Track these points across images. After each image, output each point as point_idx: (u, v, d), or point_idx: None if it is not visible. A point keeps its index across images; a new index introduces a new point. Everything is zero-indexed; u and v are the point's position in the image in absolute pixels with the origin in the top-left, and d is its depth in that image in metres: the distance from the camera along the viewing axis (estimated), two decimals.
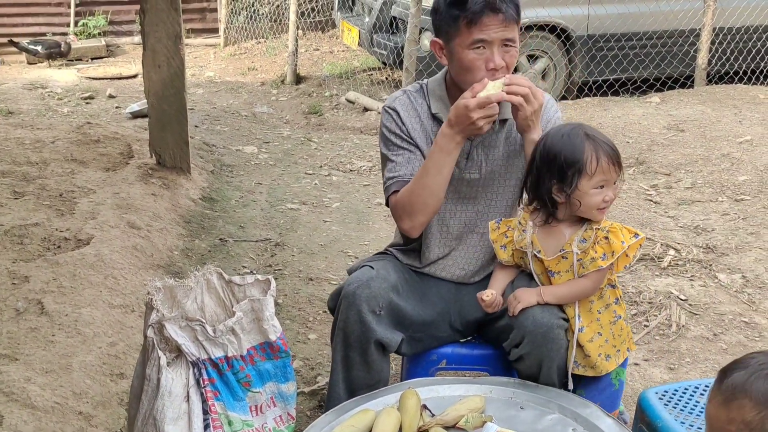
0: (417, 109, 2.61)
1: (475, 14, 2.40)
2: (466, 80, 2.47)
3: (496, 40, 2.41)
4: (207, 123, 6.89)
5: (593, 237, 2.34)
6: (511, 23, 2.42)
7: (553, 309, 2.40)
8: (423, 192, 2.48)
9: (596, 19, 7.27)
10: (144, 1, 4.63)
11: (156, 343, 2.20)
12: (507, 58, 2.44)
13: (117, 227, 4.12)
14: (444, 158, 2.45)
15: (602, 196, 2.32)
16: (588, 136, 2.32)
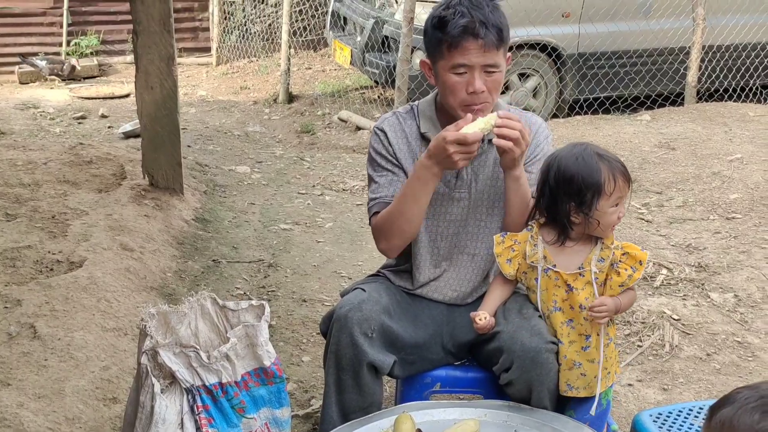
0: (405, 130, 2.63)
1: (455, 38, 2.42)
2: (449, 102, 2.51)
3: (476, 65, 2.43)
4: (200, 143, 6.90)
5: (611, 257, 2.38)
6: (491, 49, 2.42)
7: (541, 333, 2.40)
8: (400, 218, 2.52)
9: (586, 38, 7.32)
10: (137, 23, 4.64)
11: (150, 369, 2.20)
12: (489, 83, 2.46)
13: (110, 249, 4.11)
14: (421, 187, 2.47)
15: (617, 213, 2.38)
16: (600, 156, 2.36)
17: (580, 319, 2.41)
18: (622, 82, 7.58)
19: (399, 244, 2.60)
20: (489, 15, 2.43)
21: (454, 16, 2.43)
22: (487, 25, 2.41)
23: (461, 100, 2.47)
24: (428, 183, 2.46)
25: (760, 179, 5.43)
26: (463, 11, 2.43)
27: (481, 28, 2.40)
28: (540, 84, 7.42)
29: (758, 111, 7.18)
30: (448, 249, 2.68)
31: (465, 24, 2.40)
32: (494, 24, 2.42)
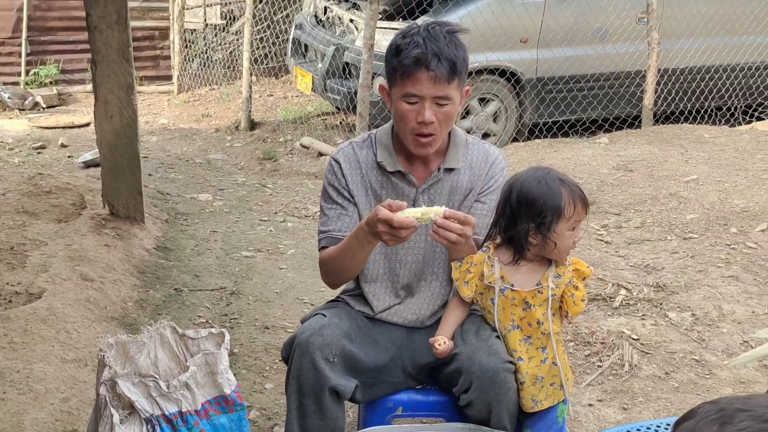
0: (360, 160, 2.66)
1: (407, 68, 2.45)
2: (400, 128, 2.56)
3: (427, 96, 2.45)
4: (161, 171, 6.88)
5: (566, 273, 2.44)
6: (442, 81, 2.44)
7: (499, 353, 2.43)
8: (339, 265, 2.59)
9: (544, 63, 7.43)
10: (95, 53, 4.63)
11: (108, 400, 2.18)
12: (439, 114, 2.48)
13: (69, 280, 4.08)
14: (358, 247, 2.50)
15: (574, 238, 2.43)
16: (562, 180, 2.42)
17: (537, 334, 2.46)
18: (580, 106, 7.70)
19: (339, 283, 2.72)
20: (444, 47, 2.44)
21: (409, 46, 2.46)
22: (440, 58, 2.43)
23: (411, 129, 2.51)
24: (365, 246, 2.49)
25: (715, 199, 5.54)
26: (418, 42, 2.45)
27: (433, 60, 2.42)
28: (500, 108, 7.51)
29: (713, 132, 7.32)
30: (408, 278, 2.71)
31: (417, 55, 2.43)
32: (448, 57, 2.44)
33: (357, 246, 2.50)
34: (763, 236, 4.97)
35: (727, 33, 8.03)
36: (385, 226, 2.33)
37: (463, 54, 2.51)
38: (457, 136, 2.67)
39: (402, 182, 2.65)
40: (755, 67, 8.23)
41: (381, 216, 2.32)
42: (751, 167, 6.19)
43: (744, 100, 8.39)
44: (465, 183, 2.65)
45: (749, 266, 4.64)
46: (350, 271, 2.63)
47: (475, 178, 2.66)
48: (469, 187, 2.66)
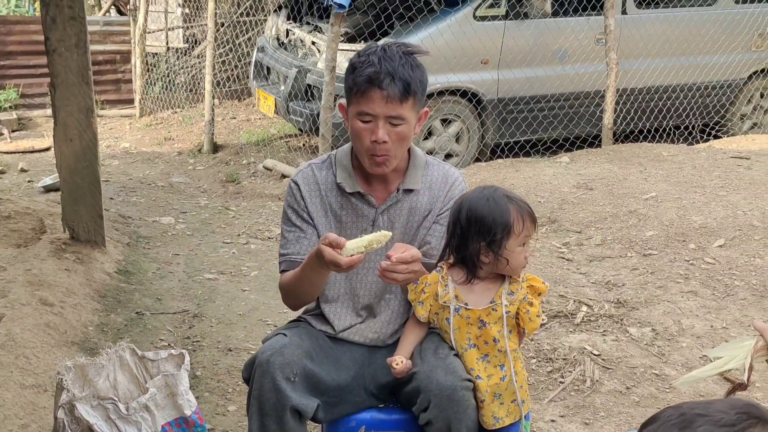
0: (319, 182, 2.67)
1: (360, 87, 2.46)
2: (356, 147, 2.58)
3: (380, 115, 2.47)
4: (123, 195, 6.83)
5: (519, 290, 2.46)
6: (395, 101, 2.45)
7: (456, 371, 2.44)
8: (299, 290, 2.63)
9: (505, 83, 7.51)
10: (54, 76, 4.61)
11: (67, 424, 2.16)
12: (393, 134, 2.49)
13: (29, 305, 4.03)
14: (312, 274, 2.54)
15: (525, 253, 2.46)
16: (509, 198, 2.45)
17: (494, 352, 2.47)
18: (541, 126, 7.79)
19: (299, 305, 2.75)
20: (398, 68, 2.45)
21: (363, 65, 2.47)
22: (394, 78, 2.44)
23: (366, 148, 2.52)
24: (319, 273, 2.52)
25: (674, 216, 5.61)
26: (373, 61, 2.46)
27: (386, 80, 2.43)
28: (462, 129, 7.56)
29: (671, 151, 7.43)
30: (369, 298, 2.72)
31: (370, 74, 2.44)
32: (402, 77, 2.45)
33: (312, 274, 2.53)
34: (721, 252, 5.05)
35: (684, 53, 8.17)
36: (333, 265, 2.38)
37: (420, 75, 2.52)
38: (416, 157, 2.69)
39: (361, 203, 2.66)
40: (711, 87, 8.38)
41: (327, 259, 2.35)
42: (709, 184, 6.29)
43: (701, 119, 8.53)
44: (424, 204, 2.67)
45: (708, 281, 4.71)
46: (309, 295, 2.66)
47: (435, 200, 2.68)
48: (428, 208, 2.67)
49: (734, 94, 8.60)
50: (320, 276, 2.53)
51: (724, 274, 4.78)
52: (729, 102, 8.60)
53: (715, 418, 1.30)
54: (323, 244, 2.36)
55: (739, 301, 4.50)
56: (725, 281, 4.70)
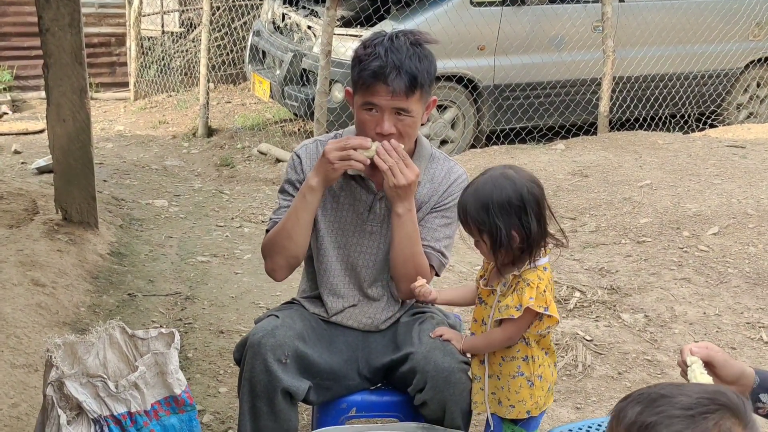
0: None
1: (365, 80, 2.43)
2: (361, 135, 2.53)
3: (386, 107, 2.44)
4: (116, 177, 6.80)
5: (511, 282, 2.36)
6: (400, 95, 2.41)
7: (453, 353, 2.44)
8: (281, 234, 2.58)
9: (502, 70, 7.49)
10: (48, 56, 4.58)
11: (56, 401, 2.15)
12: (399, 125, 2.47)
13: (20, 285, 4.01)
14: (300, 202, 2.52)
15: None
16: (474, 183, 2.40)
17: (478, 332, 2.46)
18: (537, 113, 7.77)
19: (282, 264, 2.65)
20: (405, 60, 2.41)
21: (369, 57, 2.43)
22: (400, 72, 2.40)
23: (371, 138, 2.49)
24: (306, 197, 2.50)
25: (668, 204, 5.61)
26: (379, 53, 2.42)
27: (391, 74, 2.39)
28: (458, 115, 7.54)
29: (667, 139, 7.42)
30: (362, 280, 2.70)
31: (375, 69, 2.41)
32: (408, 71, 2.40)
33: (299, 201, 2.52)
34: (715, 239, 5.05)
35: (681, 42, 8.16)
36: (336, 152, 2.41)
37: (427, 66, 2.47)
38: (423, 148, 2.67)
39: (361, 187, 2.64)
40: (708, 76, 8.37)
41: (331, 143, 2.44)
42: (704, 173, 6.29)
43: (697, 108, 8.52)
44: (422, 196, 2.64)
45: (701, 269, 4.71)
46: (294, 240, 2.57)
47: (433, 192, 2.66)
48: (426, 200, 2.65)
49: (731, 84, 8.59)
50: (305, 203, 2.51)
51: (717, 261, 4.78)
52: (725, 91, 8.59)
53: (676, 399, 1.30)
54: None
55: (732, 288, 4.50)
56: (719, 269, 4.70)
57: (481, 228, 2.32)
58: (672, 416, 1.27)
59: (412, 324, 2.64)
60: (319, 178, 2.48)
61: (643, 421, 1.29)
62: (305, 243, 2.60)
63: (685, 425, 1.26)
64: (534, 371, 2.42)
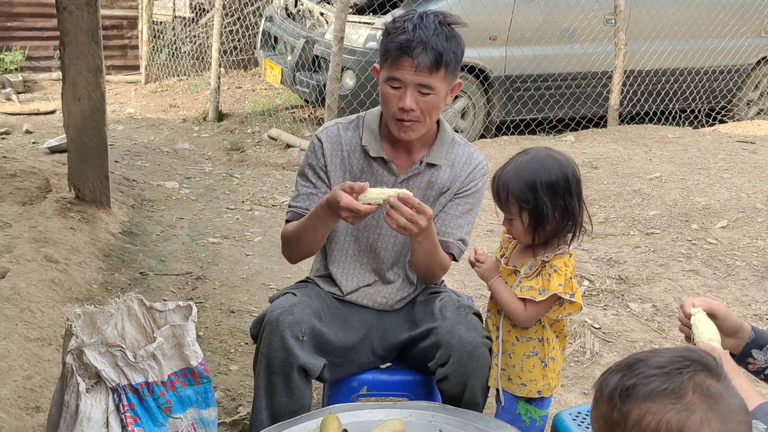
0: (342, 142, 2.66)
1: (392, 53, 2.45)
2: (384, 111, 2.56)
3: (410, 83, 2.45)
4: (127, 158, 6.83)
5: (538, 268, 2.40)
6: (424, 71, 2.42)
7: (478, 328, 2.48)
8: (299, 239, 2.62)
9: (513, 61, 7.49)
10: (64, 34, 4.60)
11: (75, 369, 2.18)
12: (422, 103, 2.47)
13: (34, 261, 4.05)
14: (320, 224, 2.53)
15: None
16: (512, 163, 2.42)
17: (495, 310, 2.50)
18: (548, 105, 7.78)
19: (297, 258, 2.74)
20: (432, 37, 2.42)
21: (398, 31, 2.46)
22: (426, 47, 2.41)
23: (392, 113, 2.51)
24: (326, 222, 2.52)
25: (677, 197, 5.63)
26: (407, 28, 2.44)
27: (417, 49, 2.41)
28: (468, 105, 7.55)
29: (677, 133, 7.43)
30: (379, 262, 2.72)
31: (401, 42, 2.43)
32: (434, 47, 2.42)
33: (319, 224, 2.53)
34: (723, 233, 5.07)
35: (693, 36, 8.15)
36: (345, 211, 2.36)
37: (454, 47, 2.47)
38: (445, 132, 2.68)
39: (383, 169, 2.65)
40: (719, 71, 8.37)
41: (344, 204, 2.33)
42: (713, 167, 6.30)
43: (708, 103, 8.52)
44: (443, 181, 2.66)
45: (709, 261, 4.73)
46: (311, 247, 2.65)
47: (455, 178, 2.67)
48: (447, 185, 2.67)
49: (741, 80, 8.59)
50: (326, 226, 2.53)
51: (725, 254, 4.80)
52: (736, 87, 8.59)
53: (651, 361, 1.38)
54: (341, 190, 2.34)
55: (740, 281, 4.52)
56: (727, 261, 4.72)
57: (523, 206, 2.34)
58: (649, 375, 1.35)
59: (431, 302, 2.66)
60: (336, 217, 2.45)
61: (623, 384, 1.36)
62: (320, 247, 2.70)
63: (661, 381, 1.34)
64: (548, 353, 2.48)
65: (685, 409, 1.31)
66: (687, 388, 1.33)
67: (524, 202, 2.34)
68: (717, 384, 1.35)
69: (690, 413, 1.31)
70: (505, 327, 2.49)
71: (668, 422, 1.31)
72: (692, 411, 1.31)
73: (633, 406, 1.34)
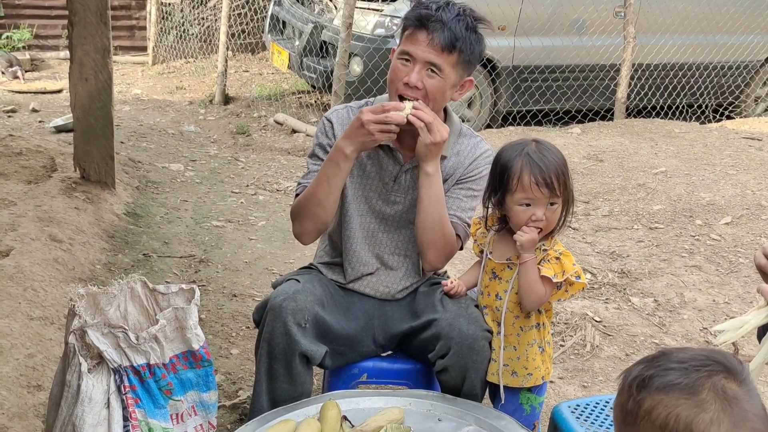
0: None
1: (409, 25, 2.49)
2: (390, 88, 2.56)
3: (420, 59, 2.46)
4: (133, 140, 6.84)
5: (541, 256, 2.41)
6: (437, 48, 2.43)
7: (478, 321, 2.48)
8: (312, 199, 2.58)
9: (521, 51, 7.47)
10: (73, 14, 4.60)
11: (77, 349, 2.19)
12: (428, 82, 2.47)
13: (38, 240, 4.06)
14: (333, 170, 2.52)
15: (528, 214, 2.37)
16: (526, 153, 2.37)
17: (493, 307, 2.51)
18: (555, 96, 7.76)
19: (311, 228, 2.64)
20: (452, 20, 2.44)
21: (420, 6, 2.49)
22: (444, 26, 2.43)
23: (396, 89, 2.51)
24: (339, 165, 2.50)
25: (682, 192, 5.62)
26: (430, 6, 2.47)
27: (434, 24, 2.43)
28: (475, 94, 7.54)
29: (683, 128, 7.42)
30: (382, 248, 2.73)
31: (422, 14, 2.45)
32: (451, 29, 2.43)
33: (332, 168, 2.52)
34: (727, 229, 5.07)
35: (702, 31, 8.12)
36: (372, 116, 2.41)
37: (474, 39, 2.48)
38: (453, 123, 2.68)
39: (388, 157, 2.66)
40: (728, 67, 8.34)
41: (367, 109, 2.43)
42: (719, 163, 6.29)
43: (715, 99, 8.50)
44: (448, 168, 2.66)
45: (712, 257, 4.73)
46: (324, 206, 2.58)
47: (458, 166, 2.67)
48: (450, 173, 2.67)
49: (750, 76, 8.56)
50: (339, 170, 2.51)
51: (729, 250, 4.80)
52: (744, 83, 8.56)
53: (674, 356, 1.39)
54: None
55: (742, 278, 4.52)
56: (730, 258, 4.72)
57: (564, 191, 2.38)
58: (667, 368, 1.36)
59: (433, 293, 2.67)
60: (354, 146, 2.48)
61: (642, 374, 1.38)
62: (335, 209, 2.62)
63: (678, 375, 1.35)
64: (544, 338, 2.53)
65: (697, 406, 1.31)
66: (703, 385, 1.33)
67: (565, 187, 2.38)
68: (737, 388, 1.34)
69: (701, 410, 1.31)
70: (509, 320, 2.49)
71: (677, 416, 1.31)
72: (703, 409, 1.31)
73: (646, 396, 1.35)
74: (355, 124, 2.46)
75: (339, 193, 2.59)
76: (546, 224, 2.40)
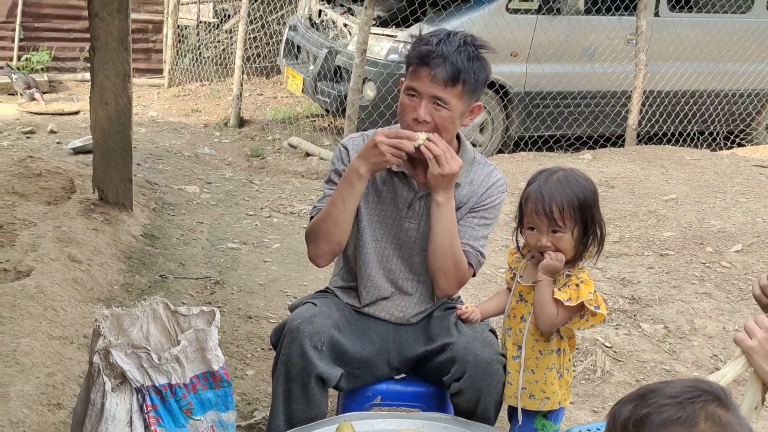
0: None
1: (412, 62, 2.55)
2: (400, 122, 2.63)
3: (425, 94, 2.52)
4: (149, 162, 6.93)
5: (563, 281, 2.46)
6: (440, 84, 2.49)
7: (493, 345, 2.54)
8: (327, 220, 2.63)
9: (533, 77, 7.55)
10: (95, 39, 4.69)
11: (102, 368, 2.25)
12: (435, 116, 2.53)
13: (57, 260, 4.13)
14: (347, 189, 2.58)
15: (535, 239, 2.45)
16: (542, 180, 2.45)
17: (516, 329, 2.54)
18: (566, 122, 7.83)
19: (326, 250, 2.69)
20: (453, 53, 2.49)
21: (421, 42, 2.55)
22: (446, 61, 2.48)
23: (406, 124, 2.57)
24: (354, 185, 2.57)
25: (693, 219, 5.67)
26: (431, 41, 2.52)
27: (436, 60, 2.48)
28: (487, 120, 7.61)
29: (694, 155, 7.47)
30: (397, 274, 2.78)
31: (423, 52, 2.51)
32: (453, 63, 2.48)
33: (347, 188, 2.58)
34: (738, 257, 5.11)
35: (713, 59, 8.19)
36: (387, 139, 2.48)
37: (477, 67, 2.53)
38: (466, 152, 2.74)
39: (403, 184, 2.71)
40: (739, 95, 8.40)
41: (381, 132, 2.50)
42: (730, 190, 6.33)
43: (726, 126, 8.55)
44: (461, 197, 2.71)
45: (722, 284, 4.77)
46: (339, 227, 2.62)
47: (472, 194, 2.72)
48: (464, 201, 2.72)
49: (761, 104, 8.61)
50: (353, 190, 2.57)
51: (739, 278, 4.84)
52: (755, 111, 8.61)
53: (664, 391, 1.43)
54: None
55: (753, 305, 4.54)
56: (740, 285, 4.75)
57: (577, 219, 2.41)
58: (662, 405, 1.40)
59: (447, 317, 2.72)
60: (367, 167, 2.55)
61: (637, 414, 1.41)
62: (349, 230, 2.66)
63: (675, 410, 1.39)
64: (563, 364, 2.56)
65: None
66: (699, 416, 1.38)
67: (578, 216, 2.41)
68: (727, 414, 1.39)
69: None
70: (529, 343, 2.53)
71: None
72: None
73: None
74: (369, 144, 2.54)
75: (353, 214, 2.64)
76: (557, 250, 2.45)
